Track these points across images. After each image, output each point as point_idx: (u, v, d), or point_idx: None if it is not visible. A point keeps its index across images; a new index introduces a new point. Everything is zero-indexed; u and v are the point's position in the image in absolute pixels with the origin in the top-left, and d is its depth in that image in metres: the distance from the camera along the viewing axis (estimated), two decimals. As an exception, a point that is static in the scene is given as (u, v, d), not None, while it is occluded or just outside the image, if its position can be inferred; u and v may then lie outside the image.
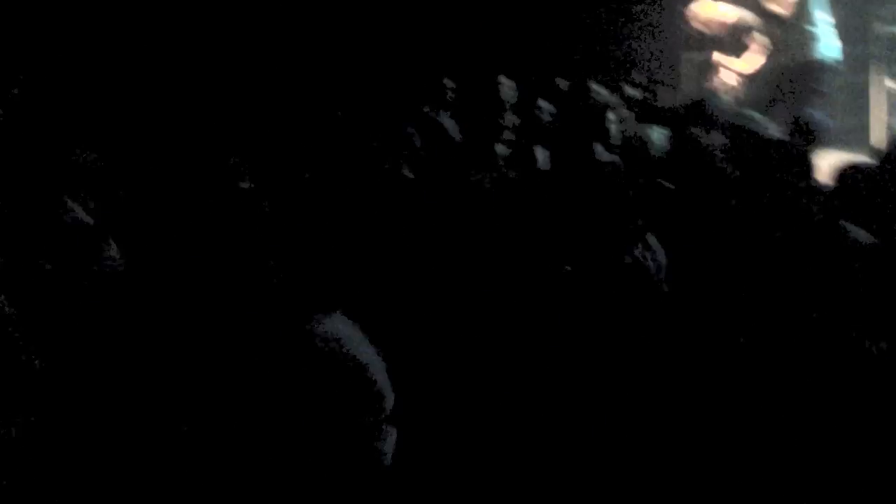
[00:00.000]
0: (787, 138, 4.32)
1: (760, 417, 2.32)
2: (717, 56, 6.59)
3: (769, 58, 6.20)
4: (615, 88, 6.76)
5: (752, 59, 6.31)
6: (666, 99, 6.35)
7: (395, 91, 6.72)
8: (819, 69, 5.96)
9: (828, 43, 6.01)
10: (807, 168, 3.40)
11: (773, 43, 6.16)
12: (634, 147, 3.83)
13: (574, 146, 3.95)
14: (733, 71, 6.46)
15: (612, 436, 2.47)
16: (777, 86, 6.01)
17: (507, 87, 6.65)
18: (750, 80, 6.38)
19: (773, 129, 4.32)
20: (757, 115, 5.03)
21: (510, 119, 5.66)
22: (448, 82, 6.32)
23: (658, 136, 4.06)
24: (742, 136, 4.15)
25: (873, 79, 6.91)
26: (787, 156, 3.47)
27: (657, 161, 3.78)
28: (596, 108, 4.74)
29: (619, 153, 3.76)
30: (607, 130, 4.42)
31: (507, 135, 5.19)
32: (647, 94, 6.18)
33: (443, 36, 8.55)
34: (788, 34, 6.06)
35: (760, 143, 3.71)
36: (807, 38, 5.99)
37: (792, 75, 5.96)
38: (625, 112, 5.42)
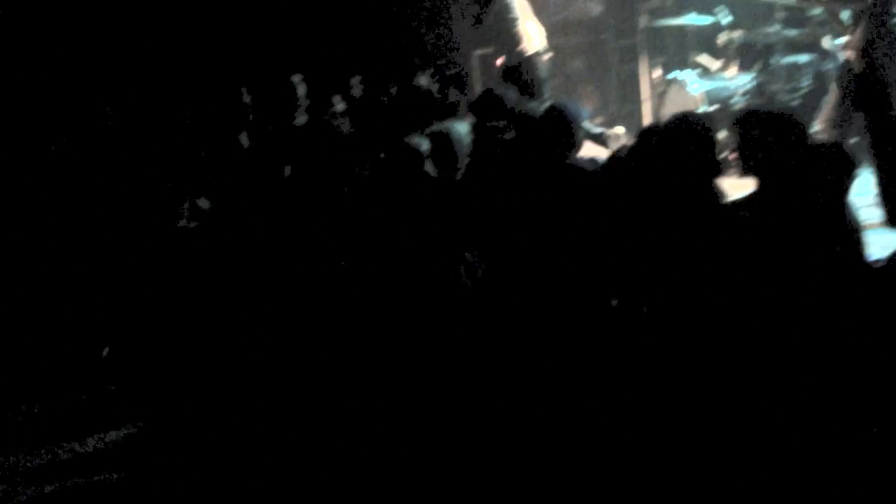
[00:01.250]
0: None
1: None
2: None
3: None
4: (411, 86, 6.99)
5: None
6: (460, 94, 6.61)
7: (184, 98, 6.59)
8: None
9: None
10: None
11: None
12: (442, 142, 4.00)
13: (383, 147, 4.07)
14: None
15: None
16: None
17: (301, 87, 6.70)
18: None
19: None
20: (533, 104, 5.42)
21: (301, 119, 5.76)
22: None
23: (460, 129, 4.30)
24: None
25: (642, 69, 7.54)
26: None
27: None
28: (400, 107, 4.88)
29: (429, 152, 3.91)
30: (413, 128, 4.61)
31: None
32: (444, 90, 6.44)
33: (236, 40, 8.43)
34: None
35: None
36: None
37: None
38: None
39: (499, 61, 6.89)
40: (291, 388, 2.95)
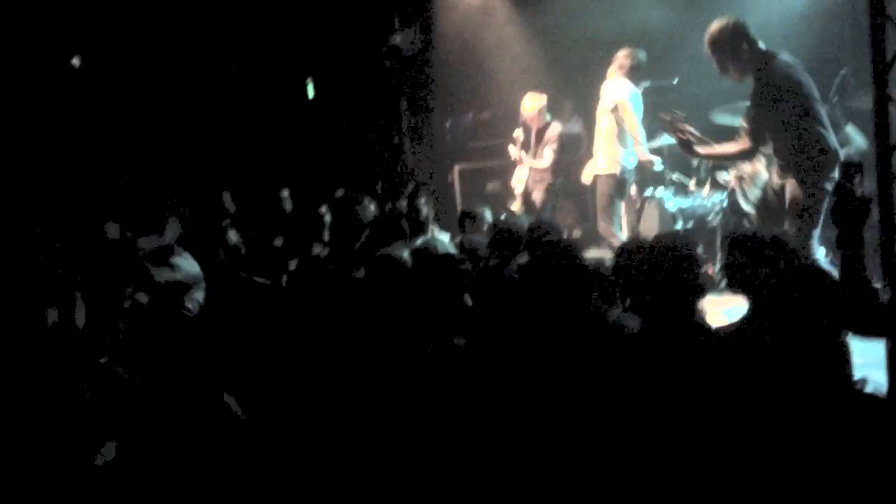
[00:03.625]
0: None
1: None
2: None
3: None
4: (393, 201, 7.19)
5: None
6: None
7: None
8: None
9: None
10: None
11: None
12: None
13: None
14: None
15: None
16: None
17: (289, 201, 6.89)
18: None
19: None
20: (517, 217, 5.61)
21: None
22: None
23: (443, 242, 4.42)
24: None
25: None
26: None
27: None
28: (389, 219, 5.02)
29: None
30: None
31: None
32: (425, 206, 6.61)
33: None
34: None
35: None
36: None
37: None
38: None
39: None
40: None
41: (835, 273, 2.90)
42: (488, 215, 5.80)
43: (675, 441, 2.53)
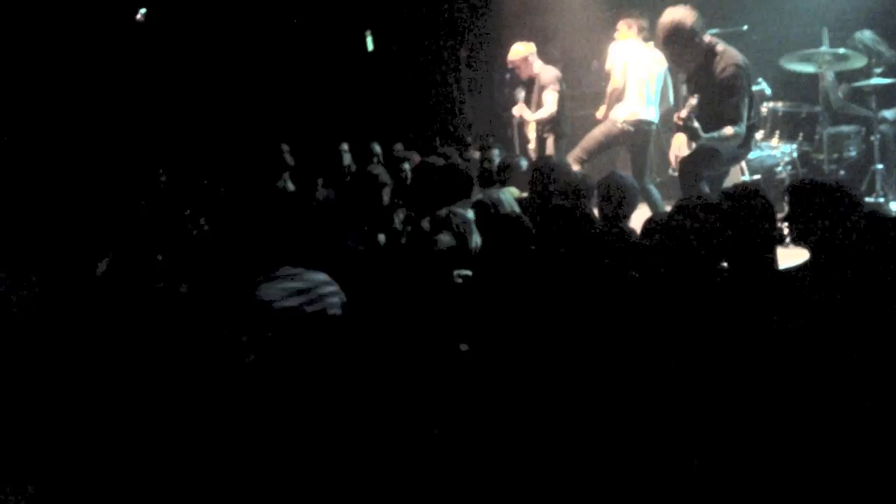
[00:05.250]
0: None
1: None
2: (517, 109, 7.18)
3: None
4: (459, 152, 7.11)
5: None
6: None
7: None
8: None
9: None
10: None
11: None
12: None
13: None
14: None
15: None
16: None
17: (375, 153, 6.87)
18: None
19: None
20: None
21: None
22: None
23: (507, 198, 4.32)
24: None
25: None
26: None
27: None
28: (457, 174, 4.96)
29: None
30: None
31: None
32: (484, 157, 6.53)
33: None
34: None
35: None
36: None
37: None
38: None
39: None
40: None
41: None
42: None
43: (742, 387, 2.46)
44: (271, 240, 3.42)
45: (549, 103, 6.95)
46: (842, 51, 6.36)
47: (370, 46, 9.33)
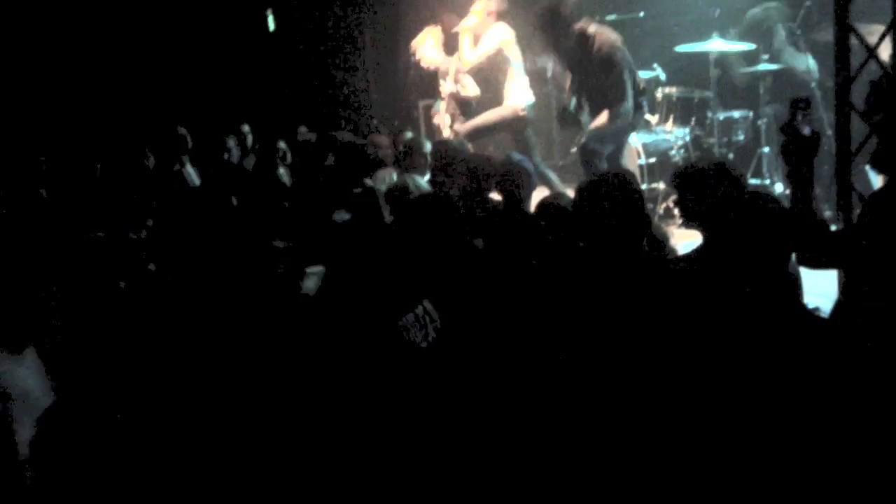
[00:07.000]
0: None
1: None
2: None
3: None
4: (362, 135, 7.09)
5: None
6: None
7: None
8: None
9: None
10: None
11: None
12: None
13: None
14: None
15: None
16: None
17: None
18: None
19: None
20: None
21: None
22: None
23: (417, 183, 4.36)
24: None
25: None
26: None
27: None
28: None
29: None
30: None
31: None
32: (395, 142, 6.51)
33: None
34: None
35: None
36: None
37: None
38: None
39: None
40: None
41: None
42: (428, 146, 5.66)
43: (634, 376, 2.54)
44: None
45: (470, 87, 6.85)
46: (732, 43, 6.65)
47: (272, 26, 9.16)
